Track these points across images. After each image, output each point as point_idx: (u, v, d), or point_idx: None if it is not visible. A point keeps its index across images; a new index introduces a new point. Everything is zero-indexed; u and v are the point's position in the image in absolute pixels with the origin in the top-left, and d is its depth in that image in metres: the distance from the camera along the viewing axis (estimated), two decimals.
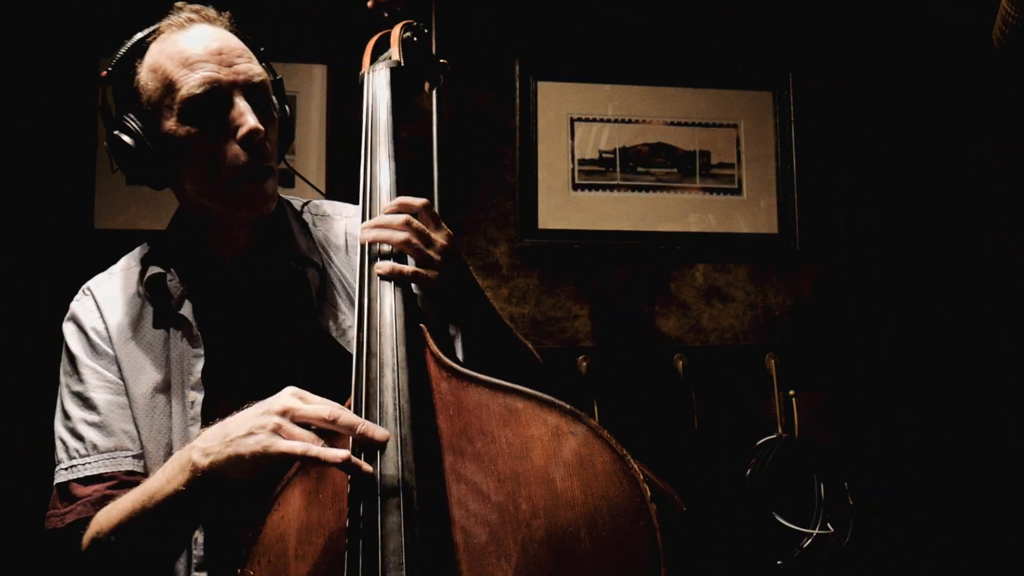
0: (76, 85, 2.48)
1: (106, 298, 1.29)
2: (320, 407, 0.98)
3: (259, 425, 0.97)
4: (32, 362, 2.38)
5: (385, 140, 1.25)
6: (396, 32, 1.38)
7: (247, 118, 1.17)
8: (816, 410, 2.62)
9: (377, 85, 1.31)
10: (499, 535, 0.92)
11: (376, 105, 1.29)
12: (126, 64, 1.22)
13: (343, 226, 1.38)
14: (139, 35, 1.24)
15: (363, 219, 1.21)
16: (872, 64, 2.81)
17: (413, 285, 1.17)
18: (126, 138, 1.19)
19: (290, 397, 1.00)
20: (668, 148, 2.73)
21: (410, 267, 1.14)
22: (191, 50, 1.18)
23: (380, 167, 1.23)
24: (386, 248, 1.16)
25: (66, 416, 1.24)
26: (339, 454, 0.94)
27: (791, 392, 2.53)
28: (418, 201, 1.18)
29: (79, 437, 1.21)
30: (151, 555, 1.12)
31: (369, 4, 1.44)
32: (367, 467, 0.96)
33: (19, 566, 2.30)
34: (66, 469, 1.21)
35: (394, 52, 1.35)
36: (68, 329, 1.29)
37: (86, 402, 1.23)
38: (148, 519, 1.06)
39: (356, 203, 1.31)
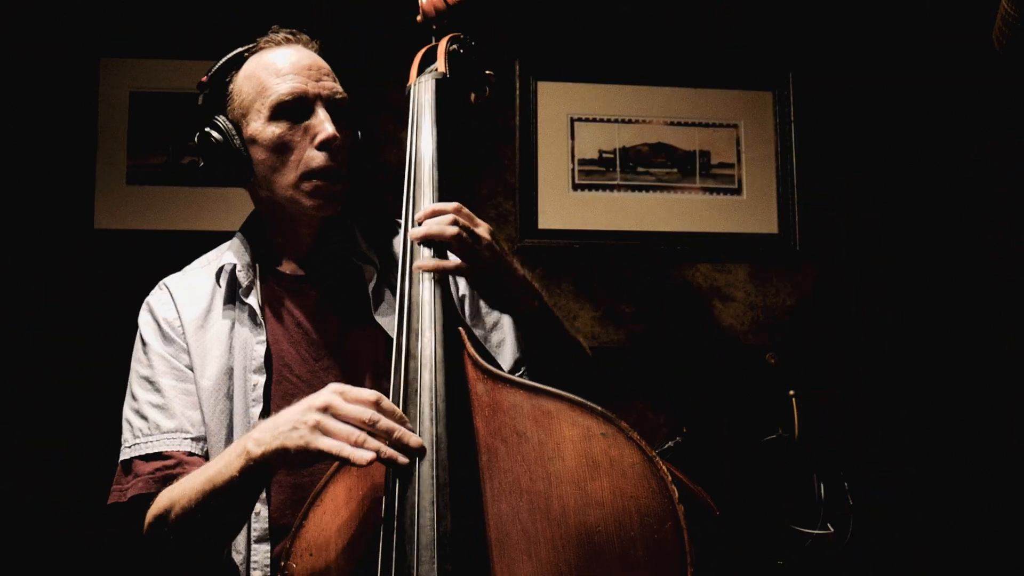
0: (77, 85, 2.48)
1: (181, 291, 1.40)
2: (360, 409, 1.02)
3: (301, 420, 1.03)
4: (32, 362, 2.39)
5: (429, 149, 1.30)
6: (443, 45, 1.43)
7: (326, 126, 1.30)
8: (816, 410, 2.62)
9: (422, 96, 1.36)
10: (530, 532, 0.95)
11: (421, 116, 1.34)
12: (223, 72, 1.37)
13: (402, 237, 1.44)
14: (239, 49, 1.38)
15: (406, 222, 1.27)
16: (872, 64, 2.81)
17: (460, 280, 1.25)
18: (216, 135, 1.33)
19: (331, 394, 1.04)
20: (668, 148, 2.73)
21: (453, 261, 1.19)
22: (285, 63, 1.34)
23: (424, 174, 1.28)
24: (427, 251, 1.21)
25: (133, 398, 1.34)
26: (366, 456, 0.98)
27: (791, 392, 2.53)
28: (451, 205, 1.22)
29: (144, 417, 1.31)
30: (208, 534, 1.19)
31: (418, 18, 1.49)
32: (402, 459, 1.00)
33: (20, 565, 2.30)
34: (130, 447, 1.31)
35: (440, 64, 1.40)
36: (143, 319, 1.40)
37: (152, 385, 1.33)
38: (207, 500, 1.13)
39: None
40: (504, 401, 1.03)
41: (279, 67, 1.33)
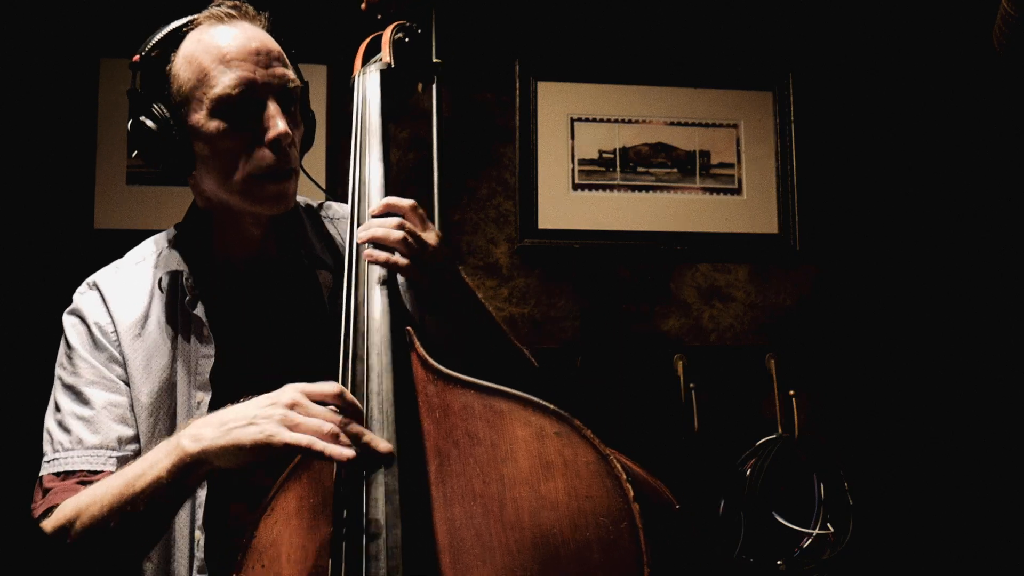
0: (77, 85, 2.48)
1: (114, 293, 1.26)
2: (327, 412, 0.96)
3: (263, 416, 0.95)
4: (32, 362, 2.38)
5: (376, 142, 1.23)
6: (387, 34, 1.37)
7: (277, 122, 1.17)
8: (816, 410, 2.62)
9: (367, 87, 1.30)
10: (484, 537, 0.92)
11: (366, 107, 1.27)
12: (160, 51, 1.20)
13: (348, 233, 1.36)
14: (176, 23, 1.21)
15: (352, 220, 1.19)
16: (872, 64, 2.80)
17: (402, 284, 1.15)
18: (151, 124, 1.17)
19: (296, 392, 0.97)
20: (668, 148, 2.73)
21: (400, 259, 1.11)
22: (229, 46, 1.17)
23: (371, 169, 1.21)
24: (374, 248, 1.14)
25: (57, 409, 1.22)
26: (344, 452, 0.92)
27: (791, 392, 2.53)
28: (406, 202, 1.15)
29: (66, 430, 1.19)
30: (119, 546, 1.08)
31: (362, 6, 1.43)
32: (385, 445, 0.95)
33: (20, 564, 2.30)
34: (49, 462, 1.19)
35: (385, 54, 1.33)
36: (68, 322, 1.27)
37: (78, 396, 1.21)
38: (124, 506, 1.03)
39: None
40: (455, 402, 0.98)
41: (223, 51, 1.16)
